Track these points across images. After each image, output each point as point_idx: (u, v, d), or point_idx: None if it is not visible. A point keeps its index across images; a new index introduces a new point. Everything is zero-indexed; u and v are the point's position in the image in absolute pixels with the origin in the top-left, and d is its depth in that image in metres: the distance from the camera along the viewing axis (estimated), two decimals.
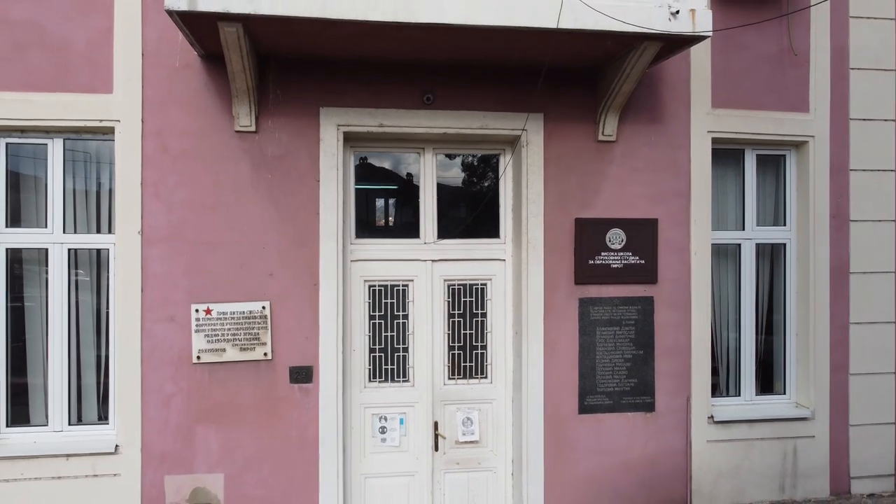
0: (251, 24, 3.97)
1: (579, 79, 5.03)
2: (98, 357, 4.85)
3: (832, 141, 5.46)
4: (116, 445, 4.59)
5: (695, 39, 4.36)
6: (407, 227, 5.30)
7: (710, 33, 4.29)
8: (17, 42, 4.50)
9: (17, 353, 4.77)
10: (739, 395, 5.57)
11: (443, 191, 5.28)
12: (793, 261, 5.59)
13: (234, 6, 3.78)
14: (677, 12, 4.20)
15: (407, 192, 5.29)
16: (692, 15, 4.24)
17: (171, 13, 3.79)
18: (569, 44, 4.35)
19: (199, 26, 4.03)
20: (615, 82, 4.75)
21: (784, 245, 5.62)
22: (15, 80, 4.52)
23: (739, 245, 5.57)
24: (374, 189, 5.32)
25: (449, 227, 5.28)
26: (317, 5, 3.86)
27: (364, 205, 5.28)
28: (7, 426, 4.69)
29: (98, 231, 4.84)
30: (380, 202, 5.42)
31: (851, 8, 5.46)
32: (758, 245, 5.61)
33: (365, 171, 5.23)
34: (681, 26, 4.23)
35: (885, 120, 5.53)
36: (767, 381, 5.73)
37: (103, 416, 4.84)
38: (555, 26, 4.05)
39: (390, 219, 5.41)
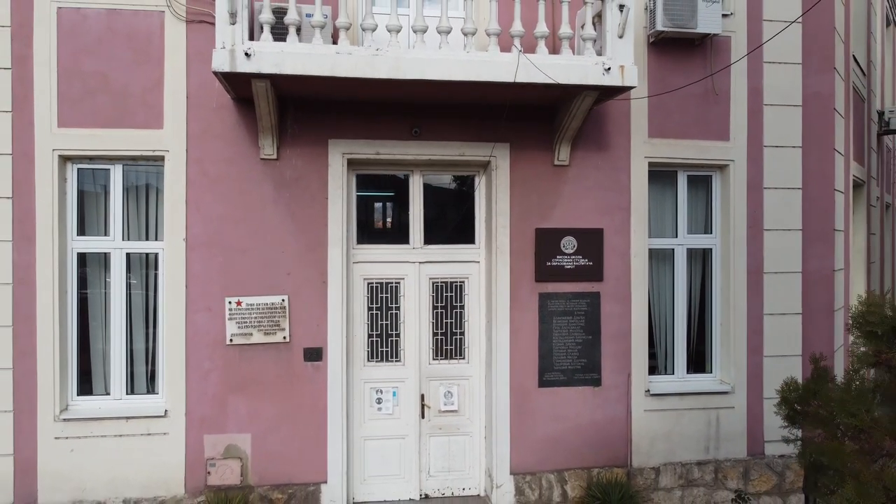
0: (276, 80, 5.12)
1: (538, 115, 6.18)
2: (146, 341, 6.00)
3: (749, 164, 6.62)
4: (166, 410, 5.74)
5: (624, 89, 5.53)
6: (399, 233, 6.43)
7: (636, 84, 5.47)
8: (88, 88, 5.65)
9: (82, 337, 5.91)
10: (673, 373, 6.72)
11: (428, 204, 6.43)
12: (717, 263, 6.74)
13: (265, 68, 4.93)
14: (609, 69, 5.37)
15: (401, 194, 6.41)
16: (621, 70, 5.41)
17: (216, 73, 4.96)
18: (525, 92, 5.50)
19: (235, 81, 5.18)
20: (566, 119, 5.91)
21: (711, 249, 6.78)
22: (85, 119, 5.66)
23: (673, 250, 6.72)
24: (374, 195, 6.46)
25: (433, 235, 6.43)
26: (327, 66, 5.01)
27: (364, 208, 6.40)
28: (77, 395, 5.83)
29: (147, 238, 5.98)
30: (378, 204, 6.55)
31: (765, 54, 6.59)
32: (689, 249, 6.77)
33: (366, 177, 6.36)
34: (612, 79, 5.39)
35: (793, 147, 6.68)
36: (700, 363, 6.88)
37: (151, 389, 5.98)
38: (512, 80, 5.21)
39: (388, 220, 6.54)
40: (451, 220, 6.53)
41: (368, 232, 6.43)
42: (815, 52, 6.76)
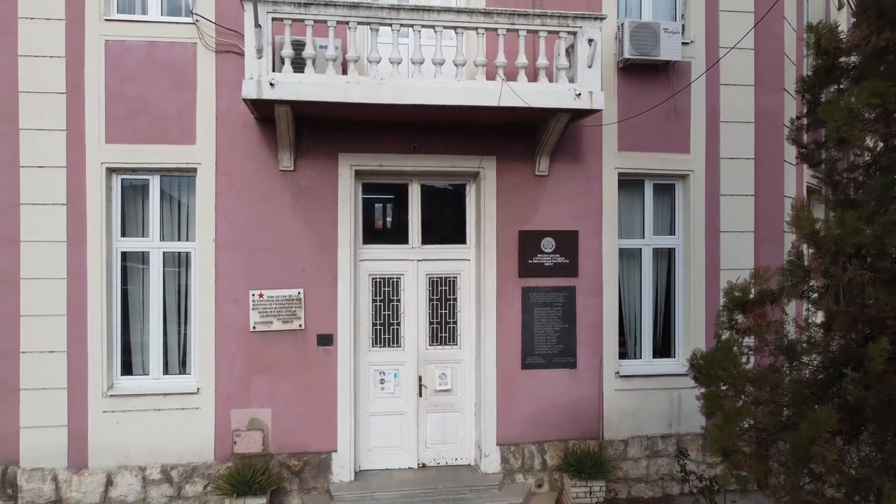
0: (295, 104, 6.01)
1: (521, 132, 7.06)
2: (179, 328, 6.88)
3: (707, 174, 7.52)
4: (198, 388, 6.63)
5: (593, 111, 6.44)
6: (399, 234, 7.31)
7: (603, 108, 6.39)
8: (130, 110, 6.53)
9: (124, 325, 6.79)
10: (641, 357, 7.62)
11: (426, 209, 7.32)
12: (680, 261, 7.64)
13: (287, 95, 5.82)
14: (580, 94, 6.26)
15: (401, 198, 7.29)
16: (590, 95, 6.30)
17: (245, 100, 5.85)
18: (508, 114, 6.39)
19: (260, 105, 6.07)
20: (545, 136, 6.80)
21: (674, 249, 7.68)
22: (128, 136, 6.54)
23: (641, 249, 7.63)
24: (377, 198, 7.34)
25: (430, 235, 7.32)
26: (339, 93, 5.91)
27: (368, 211, 7.27)
28: (121, 375, 6.71)
29: (180, 239, 6.87)
30: (379, 206, 7.41)
31: (721, 77, 7.50)
32: (654, 249, 7.67)
33: (371, 184, 7.23)
34: (582, 103, 6.29)
35: (747, 158, 7.59)
36: (665, 349, 7.77)
37: (184, 371, 6.87)
38: (496, 104, 6.10)
39: (390, 221, 7.42)
40: (446, 222, 7.43)
41: (372, 233, 7.31)
42: (766, 75, 7.66)
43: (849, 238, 2.92)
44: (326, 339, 6.83)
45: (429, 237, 7.32)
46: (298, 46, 6.06)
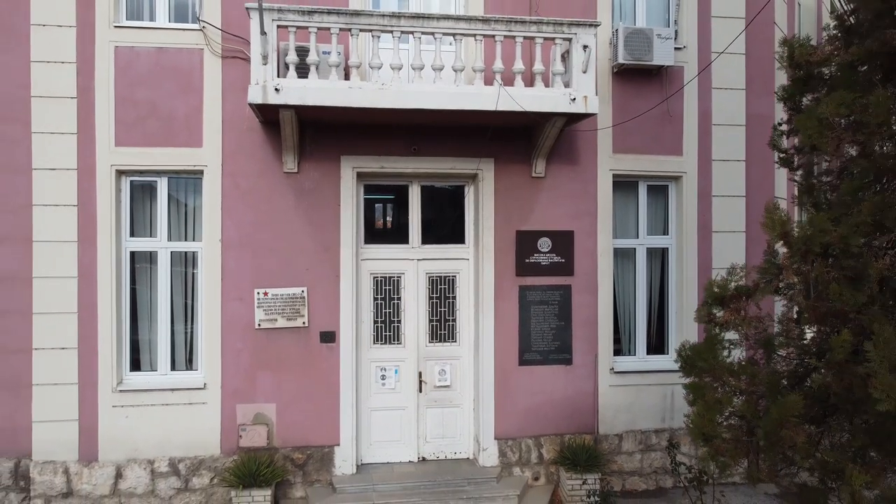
0: (300, 109, 6.21)
1: (518, 135, 7.26)
2: (186, 326, 7.09)
3: (699, 175, 7.72)
4: (205, 384, 6.83)
5: (587, 115, 6.64)
6: (400, 234, 7.52)
7: (597, 112, 6.60)
8: (139, 114, 6.74)
9: (132, 322, 7.00)
10: (635, 354, 7.83)
11: (425, 209, 7.52)
12: (673, 260, 7.85)
13: (291, 100, 6.03)
14: (574, 99, 6.47)
15: (401, 199, 7.51)
16: (585, 100, 6.51)
17: (251, 105, 6.06)
18: (506, 117, 6.60)
19: (265, 110, 6.28)
20: (541, 139, 7.01)
21: (667, 249, 7.89)
22: (137, 139, 6.75)
23: (635, 249, 7.83)
24: (378, 198, 7.56)
25: (430, 235, 7.53)
26: (342, 98, 6.12)
27: (369, 212, 7.49)
28: (130, 371, 6.92)
29: (187, 239, 7.07)
30: (380, 206, 7.62)
31: (713, 81, 7.71)
32: (648, 249, 7.88)
33: (372, 185, 7.45)
34: (577, 107, 6.50)
35: (738, 160, 7.79)
36: (659, 345, 7.97)
37: (190, 367, 7.07)
38: (494, 108, 6.31)
39: (390, 221, 7.63)
40: (445, 222, 7.63)
41: (373, 232, 7.51)
42: (757, 79, 7.86)
43: (817, 238, 3.13)
44: (329, 337, 7.03)
45: (428, 237, 7.52)
46: (302, 53, 6.25)
